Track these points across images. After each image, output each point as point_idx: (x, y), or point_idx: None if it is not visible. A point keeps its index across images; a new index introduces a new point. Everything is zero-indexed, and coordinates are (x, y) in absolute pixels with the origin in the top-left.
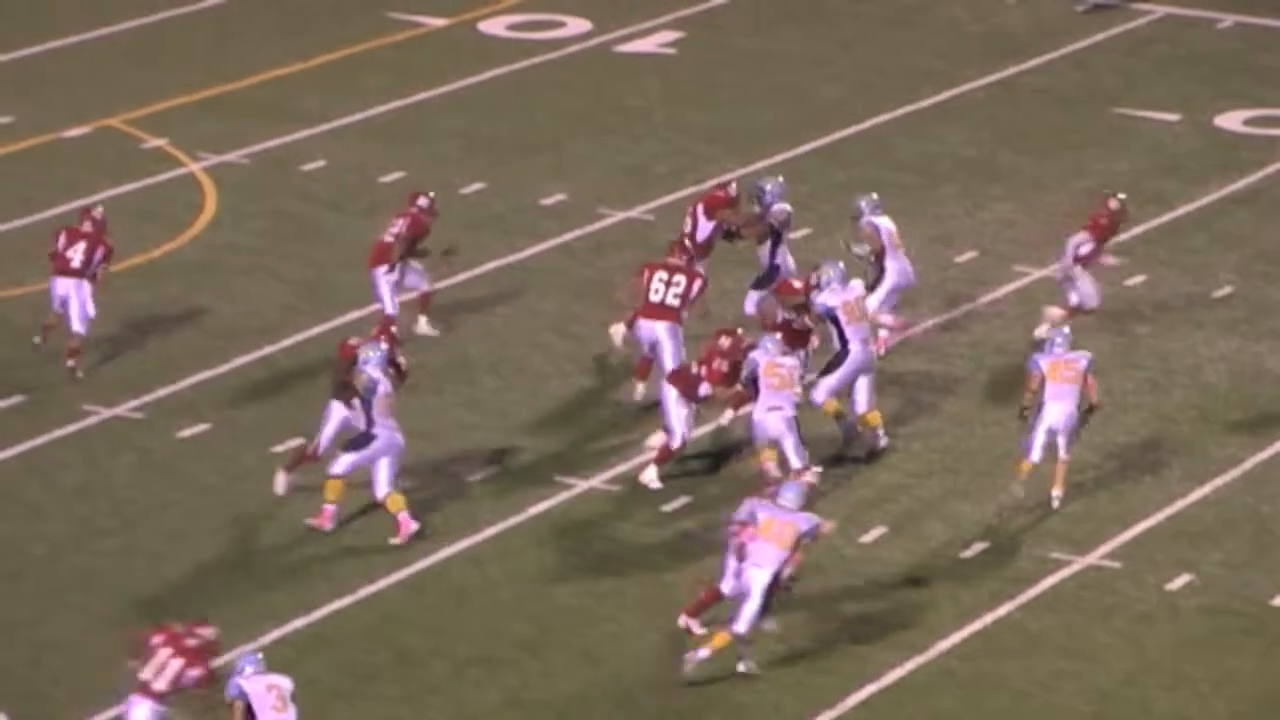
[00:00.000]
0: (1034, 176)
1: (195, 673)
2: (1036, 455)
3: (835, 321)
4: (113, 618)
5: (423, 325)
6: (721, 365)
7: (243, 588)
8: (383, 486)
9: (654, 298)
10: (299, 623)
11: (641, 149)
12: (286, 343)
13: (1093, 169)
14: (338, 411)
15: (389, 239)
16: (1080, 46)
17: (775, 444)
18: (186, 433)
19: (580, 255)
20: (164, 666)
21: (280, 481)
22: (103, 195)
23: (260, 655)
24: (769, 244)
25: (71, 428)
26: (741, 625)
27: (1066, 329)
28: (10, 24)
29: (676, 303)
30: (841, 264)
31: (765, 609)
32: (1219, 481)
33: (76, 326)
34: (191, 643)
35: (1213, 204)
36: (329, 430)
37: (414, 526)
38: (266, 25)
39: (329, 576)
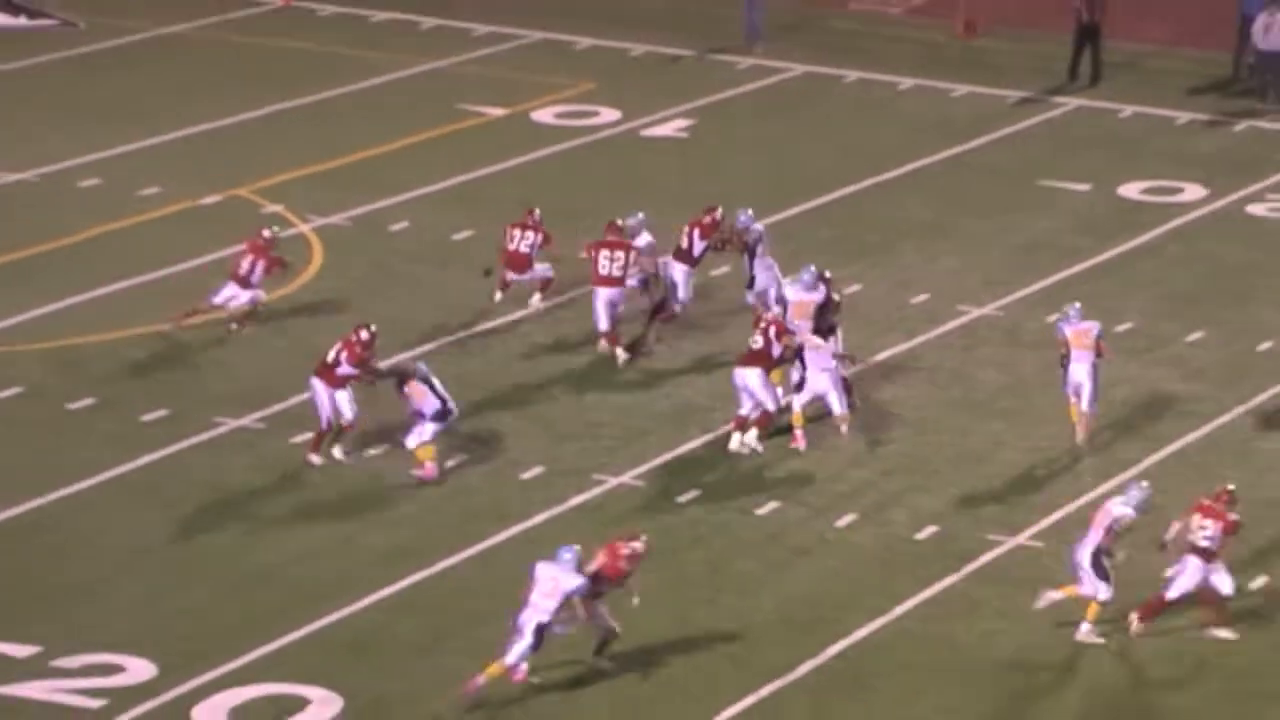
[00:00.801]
0: (976, 234)
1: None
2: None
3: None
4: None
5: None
6: (784, 339)
7: (344, 565)
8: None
9: (603, 271)
10: (387, 590)
11: (662, 214)
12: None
13: (1022, 228)
14: (319, 388)
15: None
16: (1012, 130)
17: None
18: (297, 439)
19: None
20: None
21: (313, 459)
22: (231, 250)
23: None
24: (746, 257)
25: (205, 435)
26: (510, 659)
27: (1078, 303)
28: (156, 112)
29: (620, 273)
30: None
31: (535, 647)
32: (1123, 477)
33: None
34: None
35: (1118, 256)
36: (327, 404)
37: (436, 474)
38: (362, 114)
39: (412, 553)
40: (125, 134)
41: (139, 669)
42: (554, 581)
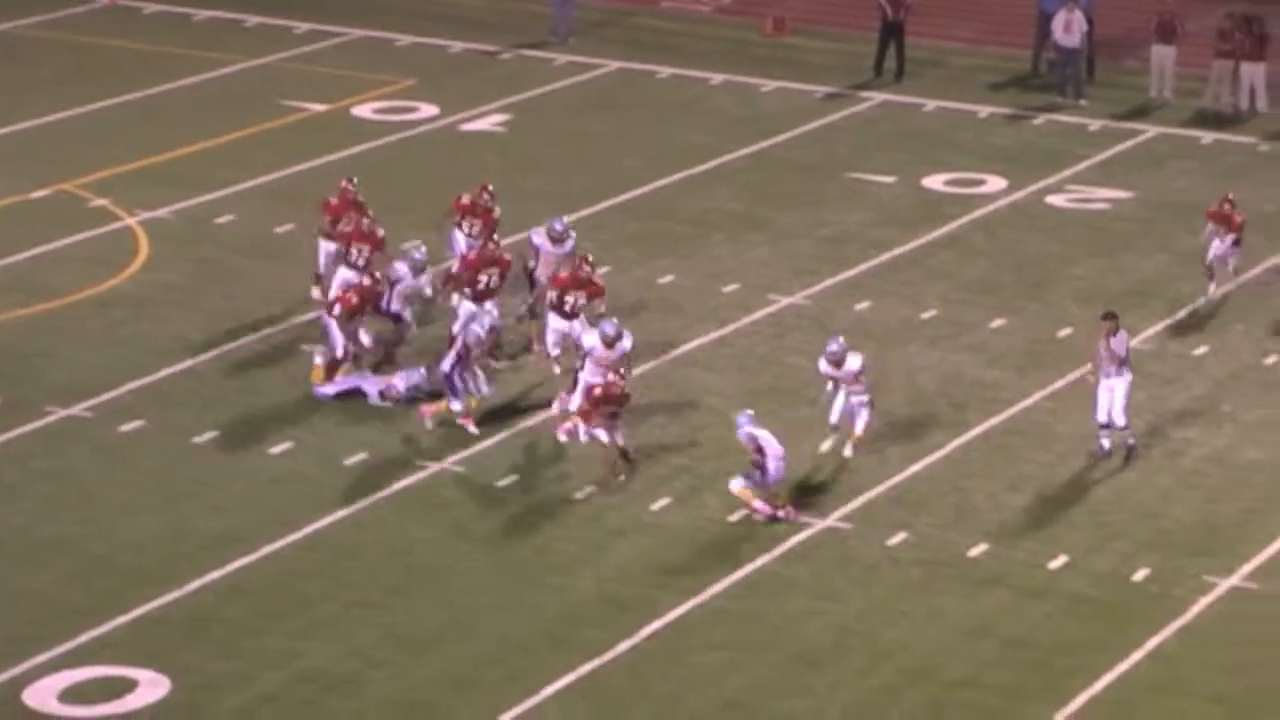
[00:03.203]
0: (785, 226)
1: None
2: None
3: None
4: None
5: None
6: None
7: (174, 550)
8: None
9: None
10: (216, 574)
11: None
12: (205, 357)
13: (830, 220)
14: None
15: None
16: (820, 125)
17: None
18: (126, 427)
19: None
20: None
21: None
22: (60, 243)
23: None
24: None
25: (38, 424)
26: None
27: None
28: None
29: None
30: None
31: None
32: (928, 460)
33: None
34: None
35: (922, 246)
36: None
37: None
38: (187, 111)
39: (241, 540)
40: None
41: None
42: None
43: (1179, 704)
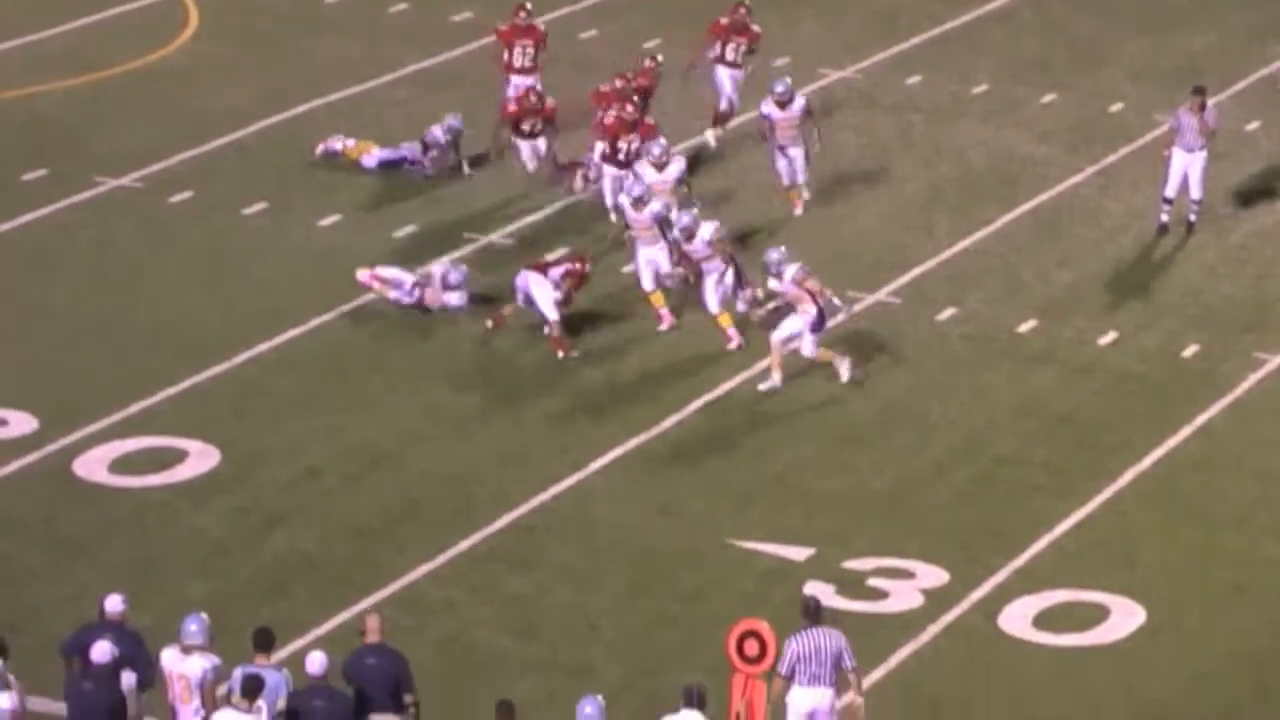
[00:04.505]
0: (834, 1)
1: None
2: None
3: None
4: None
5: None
6: None
7: (226, 322)
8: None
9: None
10: (264, 347)
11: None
12: (254, 129)
13: None
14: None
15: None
16: None
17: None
18: (175, 199)
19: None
20: None
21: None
22: (108, 14)
23: None
24: None
25: (86, 194)
26: None
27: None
28: None
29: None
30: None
31: None
32: (978, 235)
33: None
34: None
35: (972, 21)
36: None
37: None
38: None
39: (289, 313)
40: None
41: (20, 422)
42: None
43: (1223, 480)
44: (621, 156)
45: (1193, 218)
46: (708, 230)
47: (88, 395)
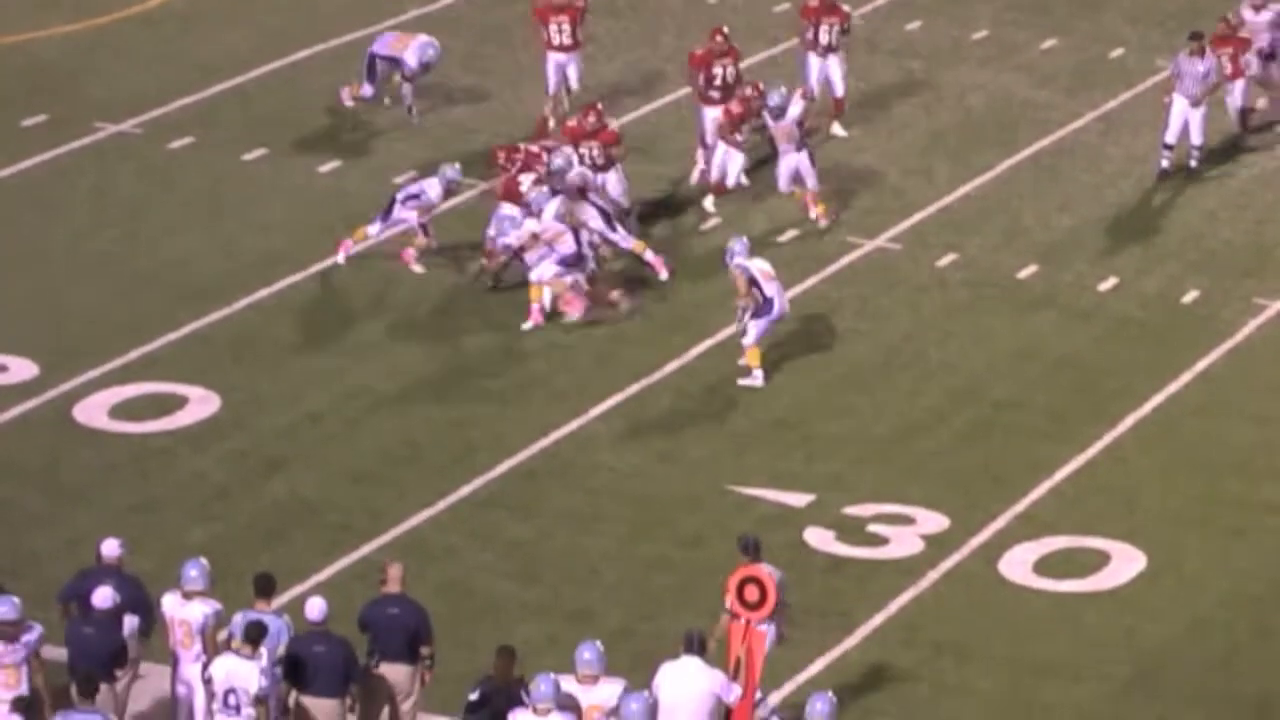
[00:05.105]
0: None
1: None
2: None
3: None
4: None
5: None
6: None
7: (226, 267)
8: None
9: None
10: (263, 293)
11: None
12: (254, 74)
13: None
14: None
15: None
16: None
17: None
18: (175, 144)
19: None
20: None
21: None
22: None
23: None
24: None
25: (86, 140)
26: None
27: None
28: None
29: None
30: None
31: None
32: (979, 181)
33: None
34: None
35: None
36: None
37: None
38: None
39: (289, 258)
40: None
41: (20, 368)
42: None
43: (1222, 425)
44: (718, 84)
45: (1193, 163)
46: (797, 109)
47: (88, 341)
